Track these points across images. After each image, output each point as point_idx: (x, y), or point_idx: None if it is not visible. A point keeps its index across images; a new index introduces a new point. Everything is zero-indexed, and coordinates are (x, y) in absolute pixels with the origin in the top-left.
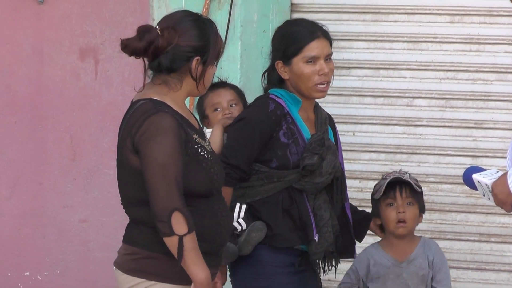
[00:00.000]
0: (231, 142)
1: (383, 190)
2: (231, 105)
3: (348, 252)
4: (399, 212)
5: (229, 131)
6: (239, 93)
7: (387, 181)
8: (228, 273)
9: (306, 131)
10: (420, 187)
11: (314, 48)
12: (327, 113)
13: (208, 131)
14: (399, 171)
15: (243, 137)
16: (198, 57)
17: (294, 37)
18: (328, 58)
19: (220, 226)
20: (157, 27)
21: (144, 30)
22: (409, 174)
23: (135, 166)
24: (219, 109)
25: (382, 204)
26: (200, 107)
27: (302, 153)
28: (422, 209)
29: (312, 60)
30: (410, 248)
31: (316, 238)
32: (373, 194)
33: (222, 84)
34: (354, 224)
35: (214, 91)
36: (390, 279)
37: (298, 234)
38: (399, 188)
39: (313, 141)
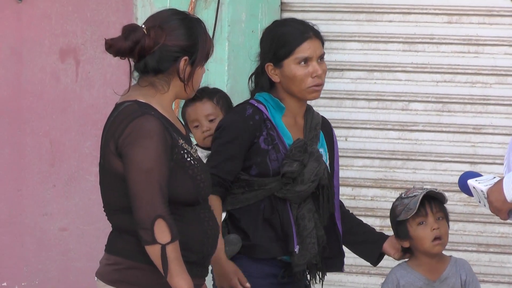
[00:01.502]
0: (213, 151)
1: (416, 207)
2: (210, 120)
3: (335, 265)
4: (433, 229)
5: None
6: (219, 101)
7: (419, 198)
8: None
9: (289, 137)
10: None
11: (306, 49)
12: (323, 117)
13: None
14: (414, 188)
15: (222, 146)
16: (186, 57)
17: (284, 38)
18: (320, 58)
19: (207, 235)
20: (143, 26)
21: (130, 29)
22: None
23: (118, 170)
24: (198, 126)
25: (412, 224)
26: (184, 119)
27: (282, 159)
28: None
29: (305, 61)
30: (441, 267)
31: (296, 249)
32: (395, 216)
33: (199, 96)
34: (368, 245)
35: (191, 105)
36: None
37: (280, 245)
38: (428, 203)
39: (294, 147)
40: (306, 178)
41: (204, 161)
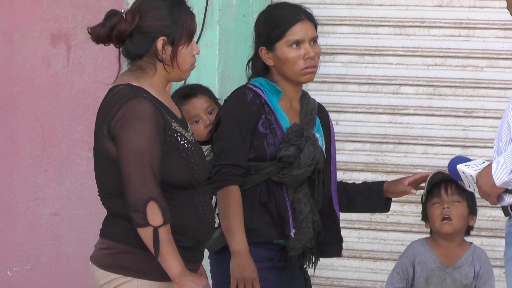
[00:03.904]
0: (221, 143)
1: (426, 191)
2: (209, 113)
3: (333, 250)
4: (443, 208)
5: (214, 134)
6: (210, 94)
7: (428, 179)
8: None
9: (286, 121)
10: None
11: (298, 31)
12: (319, 103)
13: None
14: (439, 171)
15: (231, 134)
16: (163, 37)
17: (276, 21)
18: (313, 41)
19: (201, 220)
20: (122, 11)
21: (109, 15)
22: None
23: (111, 154)
24: (199, 121)
25: (429, 205)
26: None
27: (279, 144)
28: (472, 210)
29: (297, 43)
30: (458, 253)
31: (292, 233)
32: (422, 197)
33: (193, 93)
34: (372, 200)
35: (187, 102)
36: (433, 283)
37: (276, 229)
38: (444, 186)
39: (291, 131)
40: (302, 162)
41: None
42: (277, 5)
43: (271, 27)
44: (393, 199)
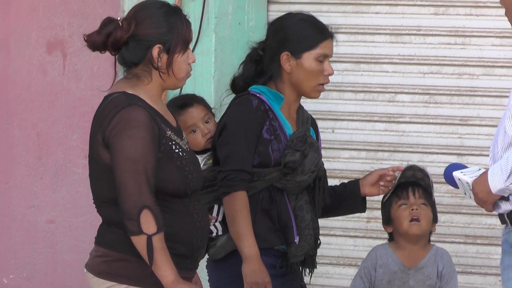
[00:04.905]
0: (227, 148)
1: (394, 184)
2: (206, 121)
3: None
4: (412, 210)
5: (218, 139)
6: (205, 104)
7: (397, 178)
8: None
9: (289, 127)
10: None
11: (328, 46)
12: (310, 115)
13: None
14: (412, 166)
15: (236, 140)
16: (159, 45)
17: (310, 31)
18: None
19: (196, 227)
20: (119, 18)
21: (104, 22)
22: (425, 174)
23: (106, 162)
24: (197, 130)
25: (395, 207)
26: None
27: (283, 150)
28: (434, 217)
29: (323, 58)
30: (421, 255)
31: (296, 240)
32: (383, 198)
33: (189, 102)
34: (349, 201)
35: (183, 112)
36: (395, 285)
37: (278, 235)
38: (411, 188)
39: (295, 137)
40: (306, 168)
41: (201, 162)
42: (307, 15)
43: (304, 35)
44: None
